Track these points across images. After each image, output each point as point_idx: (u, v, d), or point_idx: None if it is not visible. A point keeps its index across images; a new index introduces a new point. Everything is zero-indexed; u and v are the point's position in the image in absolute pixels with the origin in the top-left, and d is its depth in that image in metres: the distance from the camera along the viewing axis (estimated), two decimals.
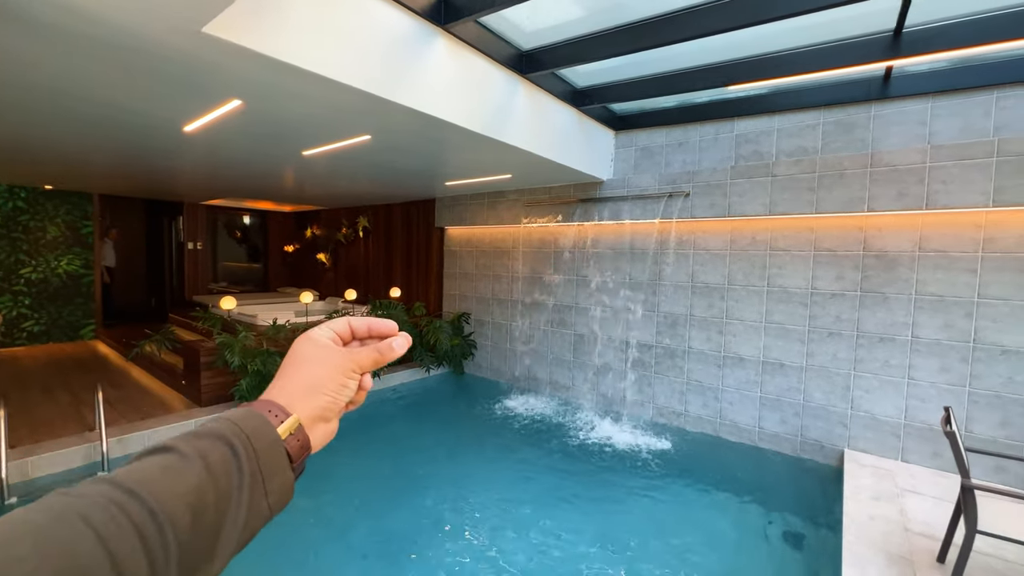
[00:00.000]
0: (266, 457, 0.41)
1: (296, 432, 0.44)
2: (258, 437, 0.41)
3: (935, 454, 3.46)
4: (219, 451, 0.38)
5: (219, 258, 9.41)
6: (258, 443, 0.41)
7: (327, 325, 0.52)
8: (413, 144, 3.70)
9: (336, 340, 0.52)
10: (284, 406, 0.45)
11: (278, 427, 0.43)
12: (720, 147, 4.37)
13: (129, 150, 4.23)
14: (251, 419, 0.42)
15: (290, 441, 0.43)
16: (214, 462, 0.38)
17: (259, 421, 0.42)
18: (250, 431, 0.41)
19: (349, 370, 0.49)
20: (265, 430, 0.42)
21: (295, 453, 0.44)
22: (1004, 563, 2.35)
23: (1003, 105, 3.24)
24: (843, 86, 3.72)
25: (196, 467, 0.36)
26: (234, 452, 0.39)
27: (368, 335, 0.54)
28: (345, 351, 0.50)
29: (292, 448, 0.43)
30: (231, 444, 0.39)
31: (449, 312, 6.79)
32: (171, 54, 2.09)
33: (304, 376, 0.47)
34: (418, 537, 2.80)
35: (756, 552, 2.76)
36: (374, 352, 0.51)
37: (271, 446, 0.41)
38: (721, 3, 2.71)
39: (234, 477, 0.38)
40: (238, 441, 0.40)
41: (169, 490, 0.34)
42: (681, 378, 4.64)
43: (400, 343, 0.53)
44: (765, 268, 4.14)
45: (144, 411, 4.29)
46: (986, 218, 3.29)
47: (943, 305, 3.42)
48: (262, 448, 0.41)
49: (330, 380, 0.48)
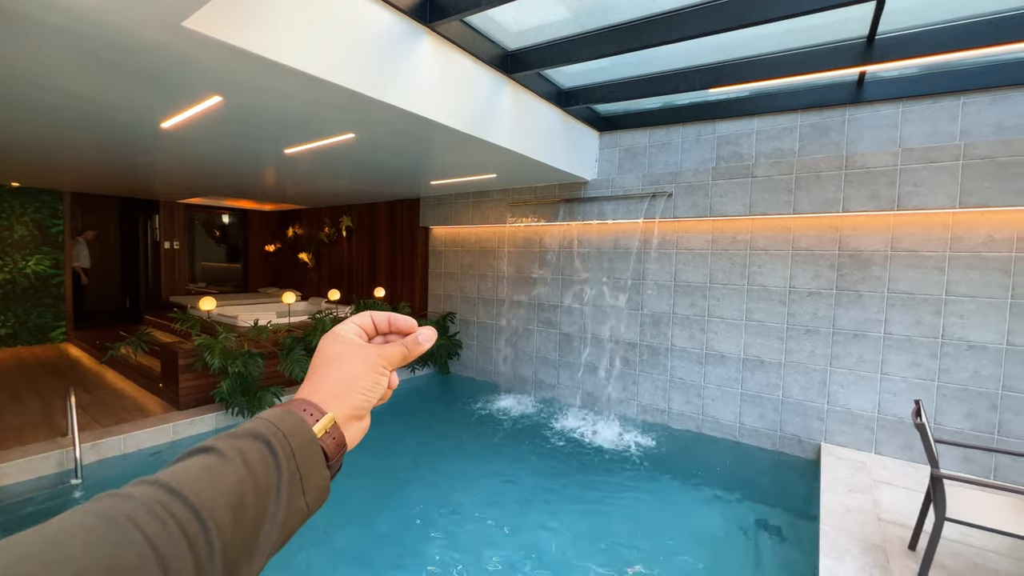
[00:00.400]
0: (303, 455, 0.41)
1: (331, 430, 0.45)
2: (295, 436, 0.41)
3: (906, 446, 3.59)
4: (257, 450, 0.39)
5: (197, 258, 9.18)
6: (295, 441, 0.41)
7: (350, 320, 0.53)
8: (397, 143, 3.68)
9: (360, 335, 0.52)
10: (319, 405, 0.45)
11: (314, 426, 0.43)
12: (702, 148, 4.45)
13: (102, 146, 4.11)
14: (287, 418, 0.42)
15: (326, 439, 0.44)
16: (253, 461, 0.38)
17: (295, 420, 0.42)
18: (287, 430, 0.41)
19: (380, 366, 0.50)
20: (301, 429, 0.42)
21: (331, 451, 0.44)
22: (971, 549, 2.46)
23: (968, 111, 3.38)
24: (819, 90, 3.83)
25: (236, 466, 0.37)
26: (272, 451, 0.39)
27: (389, 330, 0.54)
28: (375, 347, 0.51)
29: (328, 446, 0.44)
30: (269, 443, 0.40)
31: (434, 312, 6.76)
32: (149, 48, 2.04)
33: (336, 375, 0.48)
34: (403, 539, 2.79)
35: (737, 544, 2.83)
36: (402, 347, 0.52)
37: (307, 444, 0.42)
38: (703, 7, 2.77)
39: (273, 476, 0.39)
40: (275, 440, 0.40)
41: (211, 490, 0.35)
42: (665, 376, 4.72)
43: (427, 335, 0.53)
44: (745, 267, 4.23)
45: (119, 415, 4.17)
46: (953, 219, 3.42)
47: (913, 302, 3.55)
48: (299, 446, 0.41)
49: (362, 377, 0.48)
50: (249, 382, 4.35)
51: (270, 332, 4.77)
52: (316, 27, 2.22)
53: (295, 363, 4.59)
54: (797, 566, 2.62)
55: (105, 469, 3.53)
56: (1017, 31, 2.70)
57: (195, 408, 4.40)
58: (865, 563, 2.36)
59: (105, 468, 3.54)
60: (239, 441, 0.39)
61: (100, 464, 3.58)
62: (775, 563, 2.66)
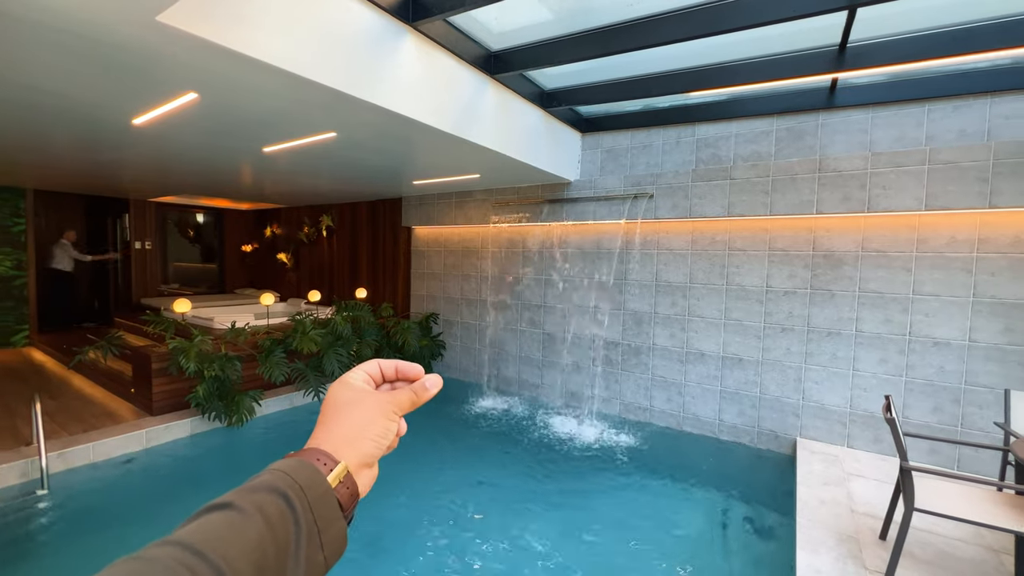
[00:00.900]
0: (320, 508, 0.40)
1: (345, 479, 0.44)
2: (311, 488, 0.41)
3: (877, 439, 3.73)
4: (276, 505, 0.38)
5: (170, 258, 8.90)
6: (312, 494, 0.40)
7: (358, 368, 0.53)
8: (379, 142, 3.64)
9: (368, 382, 0.52)
10: (331, 453, 0.45)
11: (328, 475, 0.43)
12: (682, 150, 4.53)
13: (69, 142, 3.95)
14: (303, 469, 0.41)
15: (340, 489, 0.43)
16: (272, 516, 0.37)
17: (310, 471, 0.42)
18: (303, 482, 0.40)
19: (391, 412, 0.50)
20: (317, 480, 0.41)
21: (345, 501, 0.43)
22: (938, 537, 2.57)
23: (933, 117, 3.52)
24: (794, 95, 3.94)
25: (256, 523, 0.36)
26: (290, 505, 0.39)
27: (396, 377, 0.55)
28: (385, 393, 0.51)
29: (343, 497, 0.43)
30: (286, 497, 0.39)
31: (417, 313, 6.71)
32: (121, 42, 1.97)
33: (347, 422, 0.47)
34: (386, 542, 2.77)
35: (718, 538, 2.89)
36: (411, 393, 0.51)
37: (324, 496, 0.41)
38: (682, 13, 2.82)
39: (292, 531, 0.38)
40: (293, 493, 0.39)
41: (234, 548, 0.34)
42: (646, 374, 4.78)
43: (433, 381, 0.53)
44: (724, 267, 4.33)
45: (88, 422, 4.02)
46: (919, 221, 3.57)
47: (883, 301, 3.69)
48: (315, 499, 0.40)
49: (372, 424, 0.48)
50: (227, 386, 4.24)
51: (248, 334, 4.66)
52: (296, 24, 2.18)
53: (274, 366, 4.50)
54: (775, 558, 2.69)
55: (73, 479, 3.40)
56: (975, 43, 2.83)
57: (169, 414, 4.26)
58: (839, 554, 2.44)
59: (73, 478, 3.41)
60: (257, 496, 0.38)
61: (68, 474, 3.45)
62: (754, 556, 2.73)
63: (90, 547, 2.65)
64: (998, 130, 3.33)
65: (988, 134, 3.36)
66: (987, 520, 2.02)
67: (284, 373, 4.52)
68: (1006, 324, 3.32)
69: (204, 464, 3.76)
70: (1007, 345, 3.32)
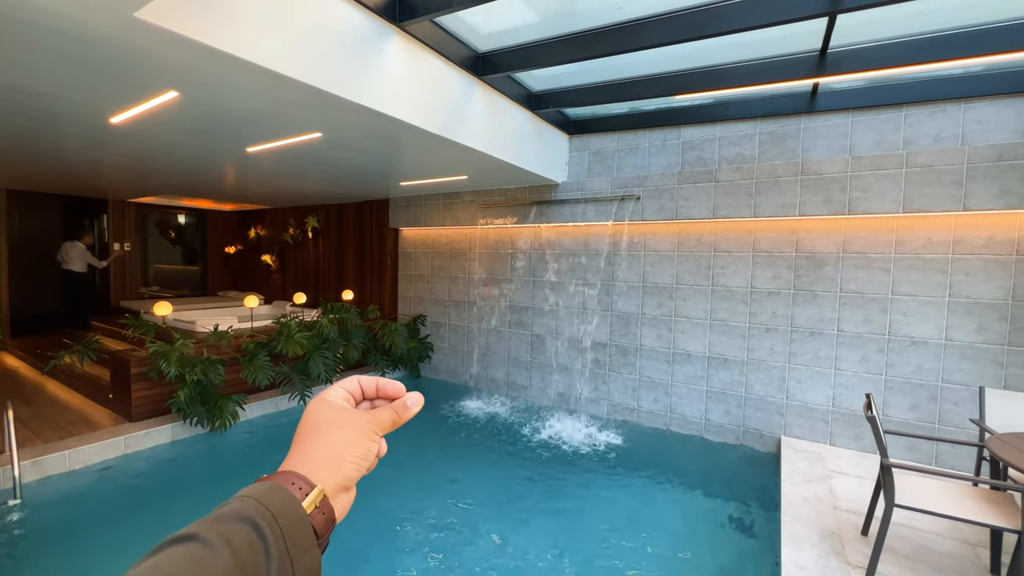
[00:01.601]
0: (293, 536, 0.38)
1: (321, 505, 0.41)
2: (284, 515, 0.38)
3: (858, 437, 3.81)
4: (245, 535, 0.36)
5: (150, 260, 8.70)
6: (284, 522, 0.38)
7: (338, 385, 0.51)
8: (366, 143, 3.61)
9: (348, 400, 0.50)
10: (307, 477, 0.42)
11: (303, 500, 0.40)
12: (668, 153, 4.58)
13: (43, 141, 3.84)
14: (275, 495, 0.39)
15: (316, 516, 0.41)
16: (240, 548, 0.35)
17: (284, 497, 0.39)
18: (276, 509, 0.38)
19: (372, 432, 0.48)
20: (291, 506, 0.39)
21: (320, 528, 0.41)
22: (916, 532, 2.63)
23: (910, 122, 3.62)
24: (777, 99, 4.01)
25: (222, 556, 0.34)
26: (260, 535, 0.36)
27: (376, 395, 0.53)
28: (365, 412, 0.49)
29: (318, 523, 0.41)
30: (256, 526, 0.36)
31: (405, 315, 6.66)
32: (98, 39, 1.92)
33: (325, 443, 0.45)
34: (373, 547, 2.73)
35: (705, 537, 2.91)
36: (392, 412, 0.50)
37: (298, 524, 0.39)
38: (667, 17, 2.86)
39: (262, 562, 0.35)
40: (264, 522, 0.37)
41: None
42: (634, 375, 4.82)
43: (415, 400, 0.52)
44: (710, 268, 4.38)
45: (64, 429, 3.90)
46: (897, 223, 3.66)
47: (863, 301, 3.77)
48: (289, 527, 0.38)
49: (353, 445, 0.46)
50: (209, 390, 4.15)
51: (231, 337, 4.57)
52: (280, 22, 2.15)
53: (259, 369, 4.42)
54: (760, 555, 2.72)
55: (48, 488, 3.29)
56: (948, 50, 2.92)
57: (149, 419, 4.16)
58: (823, 550, 2.48)
59: (48, 487, 3.30)
60: (224, 526, 0.35)
61: (42, 483, 3.34)
62: (740, 553, 2.76)
63: (65, 560, 2.57)
64: (971, 135, 3.43)
65: (962, 139, 3.46)
66: (964, 515, 2.08)
67: (269, 377, 4.44)
68: (980, 323, 3.41)
69: (186, 471, 3.68)
70: (981, 344, 3.42)
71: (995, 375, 3.38)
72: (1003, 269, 3.35)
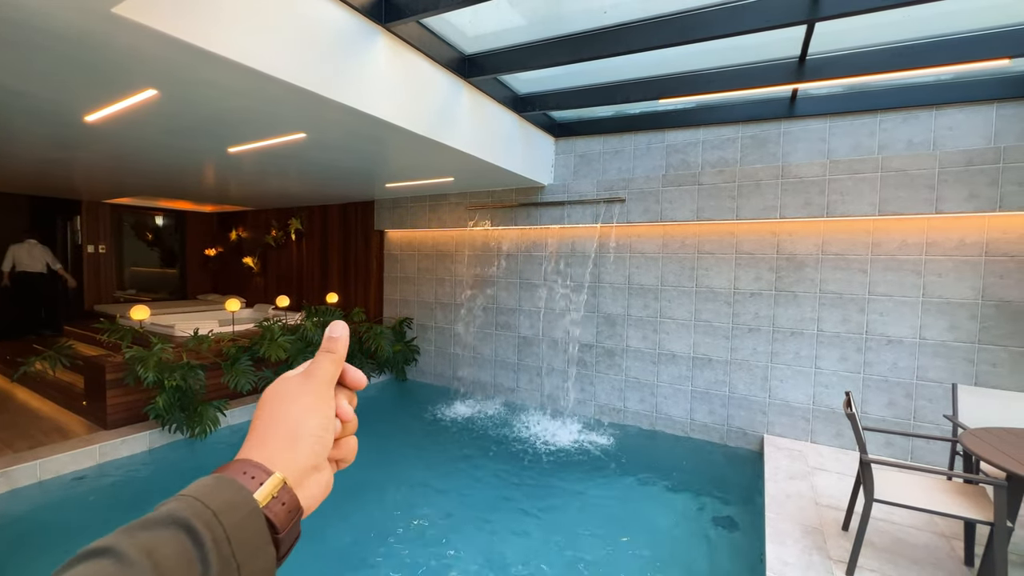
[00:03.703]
0: (242, 536, 0.33)
1: (280, 494, 0.36)
2: (229, 512, 0.33)
3: (838, 434, 3.90)
4: (173, 543, 0.30)
5: (126, 263, 8.46)
6: (229, 520, 0.33)
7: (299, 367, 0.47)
8: (351, 144, 3.58)
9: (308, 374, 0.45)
10: (263, 463, 0.37)
11: (256, 492, 0.35)
12: (652, 156, 4.64)
13: (12, 139, 3.71)
14: (220, 490, 0.34)
15: (273, 507, 0.36)
16: (165, 560, 0.29)
17: (230, 491, 0.34)
18: (218, 506, 0.33)
19: (323, 389, 0.43)
20: (238, 500, 0.34)
21: (281, 521, 0.36)
22: (893, 525, 2.70)
23: (884, 127, 3.73)
24: (758, 104, 4.10)
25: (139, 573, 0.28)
26: (196, 540, 0.31)
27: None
28: (304, 371, 0.44)
29: (277, 515, 0.36)
30: (191, 529, 0.31)
31: (390, 318, 6.60)
32: (73, 34, 1.86)
33: (281, 420, 0.40)
34: (363, 553, 2.70)
35: (691, 535, 2.95)
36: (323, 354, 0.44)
37: (247, 520, 0.33)
38: (651, 22, 2.90)
39: (197, 573, 0.30)
40: (200, 524, 0.31)
41: None
42: (620, 376, 4.85)
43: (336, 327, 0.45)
44: (694, 270, 4.45)
45: (35, 438, 3.76)
46: (874, 225, 3.77)
47: (841, 301, 3.87)
48: (235, 525, 0.33)
49: (310, 413, 0.41)
50: (189, 396, 4.05)
51: (212, 342, 4.47)
52: (264, 20, 2.12)
53: (241, 374, 4.33)
54: (746, 551, 2.76)
55: (18, 500, 3.17)
56: (919, 59, 3.02)
57: (125, 426, 4.04)
58: (806, 545, 2.53)
59: (17, 499, 3.18)
60: (148, 534, 0.30)
61: (12, 495, 3.21)
62: (726, 549, 2.80)
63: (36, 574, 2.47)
64: (942, 140, 3.56)
65: (934, 144, 3.58)
66: (940, 508, 2.14)
67: (251, 381, 4.35)
68: (952, 322, 3.53)
69: (164, 479, 3.58)
70: (953, 342, 3.53)
71: (966, 372, 3.50)
72: (973, 270, 3.48)
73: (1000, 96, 3.38)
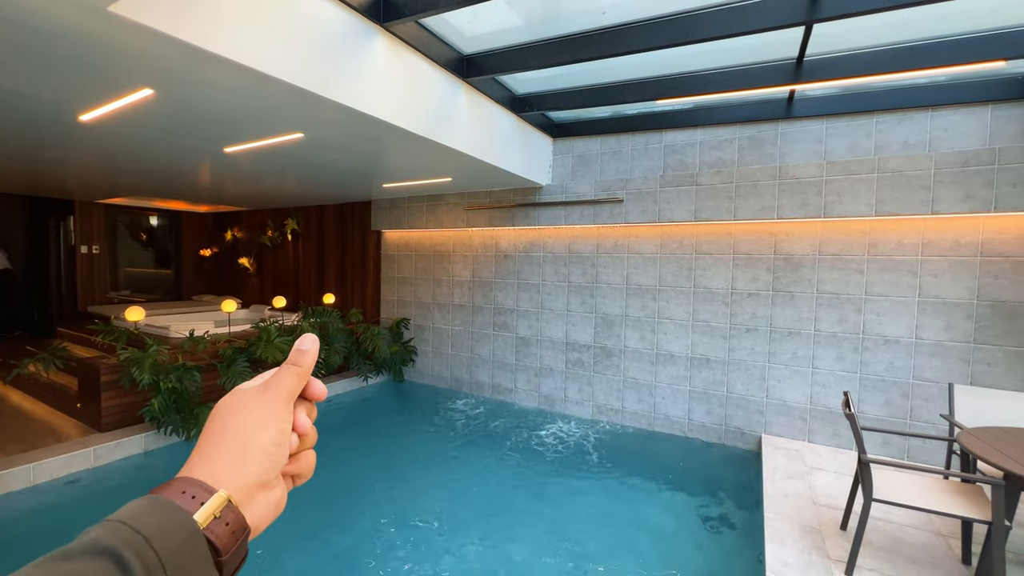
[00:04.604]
0: (178, 563, 0.30)
1: (224, 514, 0.34)
2: (164, 537, 0.30)
3: (835, 434, 3.92)
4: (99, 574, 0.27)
5: (120, 263, 8.39)
6: (164, 545, 0.30)
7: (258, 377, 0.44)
8: (349, 144, 3.56)
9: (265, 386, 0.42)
10: (204, 481, 0.35)
11: (196, 513, 0.33)
12: (650, 157, 4.64)
13: (4, 138, 3.66)
14: (153, 513, 0.31)
15: (216, 528, 0.33)
16: None
17: (166, 513, 0.32)
18: (151, 531, 0.30)
19: (280, 403, 0.40)
20: (174, 523, 0.31)
21: (225, 543, 0.33)
22: (891, 524, 2.71)
23: (880, 128, 3.75)
24: (755, 105, 4.11)
25: None
26: (124, 569, 0.28)
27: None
28: (263, 384, 0.41)
29: (220, 537, 0.33)
30: (119, 558, 0.28)
31: (388, 318, 6.58)
32: (69, 33, 1.84)
33: (227, 435, 0.37)
34: (361, 556, 2.68)
35: (691, 534, 2.95)
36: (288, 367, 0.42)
37: (185, 544, 0.31)
38: (650, 23, 2.90)
39: None
40: (131, 552, 0.28)
41: None
42: (618, 376, 4.86)
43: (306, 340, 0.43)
44: (692, 270, 4.45)
45: (28, 441, 3.72)
46: (870, 226, 3.79)
47: (838, 301, 3.89)
48: (171, 551, 0.30)
49: (262, 428, 0.38)
50: (185, 398, 4.02)
51: (208, 343, 4.43)
52: (261, 19, 2.10)
53: (237, 376, 4.30)
54: (745, 551, 2.77)
55: (11, 503, 3.13)
56: (915, 61, 3.04)
57: (120, 429, 4.00)
58: (804, 545, 2.54)
59: (11, 503, 3.14)
60: (69, 566, 0.27)
61: (4, 499, 3.17)
62: (725, 549, 2.80)
63: None
64: (938, 141, 3.58)
65: (929, 145, 3.60)
66: (937, 507, 2.15)
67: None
68: (947, 322, 3.56)
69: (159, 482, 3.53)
70: (949, 342, 3.56)
71: (962, 372, 3.52)
72: (968, 270, 3.50)
73: (995, 98, 3.40)
